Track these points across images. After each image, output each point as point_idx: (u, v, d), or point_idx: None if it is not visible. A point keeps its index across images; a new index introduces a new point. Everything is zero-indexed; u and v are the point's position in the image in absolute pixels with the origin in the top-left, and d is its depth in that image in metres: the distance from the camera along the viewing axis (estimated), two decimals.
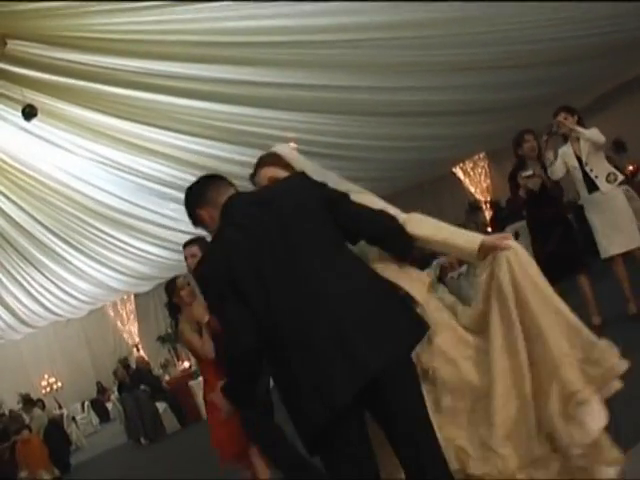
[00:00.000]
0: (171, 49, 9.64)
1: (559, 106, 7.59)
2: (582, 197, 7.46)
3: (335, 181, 3.66)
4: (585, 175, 7.35)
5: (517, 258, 3.33)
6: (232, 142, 12.20)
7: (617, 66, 13.01)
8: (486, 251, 3.39)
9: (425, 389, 3.34)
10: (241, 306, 3.11)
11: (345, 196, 3.40)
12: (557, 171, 7.42)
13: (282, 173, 3.63)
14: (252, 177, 3.77)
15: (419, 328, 3.25)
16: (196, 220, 3.59)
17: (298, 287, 3.08)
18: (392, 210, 3.58)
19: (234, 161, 12.58)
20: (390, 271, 3.41)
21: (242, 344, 3.12)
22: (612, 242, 7.24)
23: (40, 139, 12.56)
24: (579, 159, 7.37)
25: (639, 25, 10.85)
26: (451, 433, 3.39)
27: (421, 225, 3.51)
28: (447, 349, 3.47)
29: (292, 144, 3.87)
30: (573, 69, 11.99)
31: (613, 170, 7.44)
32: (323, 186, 3.39)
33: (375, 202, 3.62)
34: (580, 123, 7.46)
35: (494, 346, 3.32)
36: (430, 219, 3.58)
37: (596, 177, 7.30)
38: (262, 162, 3.77)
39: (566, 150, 7.46)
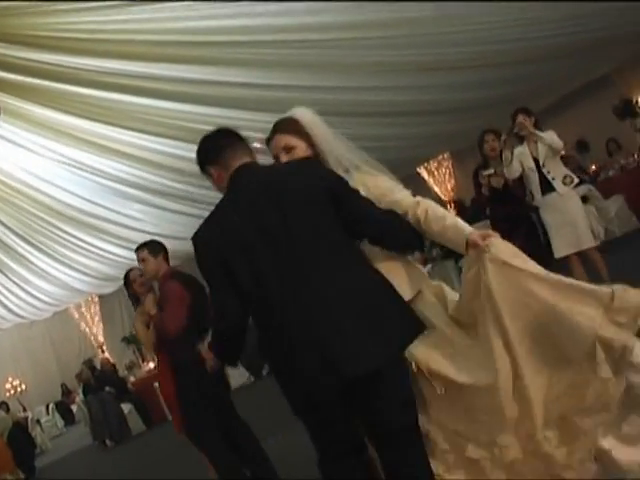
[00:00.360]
0: (134, 48, 9.58)
1: (517, 108, 7.66)
2: (536, 199, 7.52)
3: (355, 154, 3.60)
4: (541, 176, 7.43)
5: (501, 256, 3.31)
6: (196, 142, 12.12)
7: (581, 66, 13.11)
8: (472, 246, 3.36)
9: (417, 380, 3.37)
10: (228, 285, 3.14)
11: (354, 192, 3.32)
12: (513, 171, 7.48)
13: (298, 143, 3.52)
14: (267, 141, 3.66)
15: (412, 329, 3.25)
16: (204, 172, 3.54)
17: (292, 281, 3.08)
18: (400, 194, 3.50)
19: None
20: (383, 268, 3.36)
21: (226, 322, 3.21)
22: (565, 242, 7.33)
23: (2, 139, 12.44)
24: (536, 160, 7.44)
25: (603, 25, 10.97)
26: (444, 419, 3.41)
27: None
28: (432, 347, 3.44)
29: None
30: (539, 69, 12.07)
31: (569, 173, 7.56)
32: (334, 179, 3.31)
33: (386, 184, 3.54)
34: (537, 125, 7.54)
35: (491, 348, 3.28)
36: (436, 207, 3.48)
37: (553, 179, 7.38)
38: (278, 127, 3.63)
39: (523, 151, 7.52)
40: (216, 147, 3.48)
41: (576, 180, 7.64)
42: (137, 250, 5.93)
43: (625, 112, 14.68)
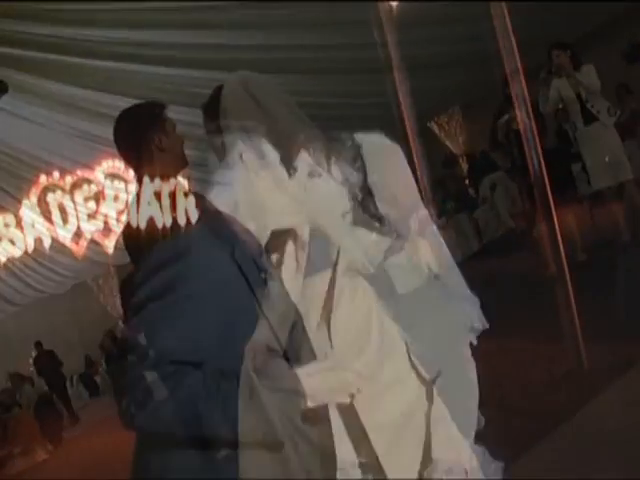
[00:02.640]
0: (133, 17, 9.51)
1: (553, 43, 7.51)
2: (578, 128, 7.39)
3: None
4: (583, 108, 7.32)
5: None
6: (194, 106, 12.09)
7: (587, 11, 12.94)
8: None
9: None
10: None
11: None
12: (552, 104, 7.37)
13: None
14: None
15: None
16: None
17: None
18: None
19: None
20: None
21: None
22: (606, 173, 7.23)
23: (9, 114, 12.45)
24: (577, 94, 7.33)
25: None
26: None
27: None
28: None
29: None
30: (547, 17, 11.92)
31: (610, 104, 7.46)
32: None
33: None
34: (574, 57, 7.41)
35: None
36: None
37: (598, 112, 7.28)
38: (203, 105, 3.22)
39: (563, 83, 7.38)
40: None
41: (618, 112, 7.59)
42: None
43: (634, 56, 14.52)
